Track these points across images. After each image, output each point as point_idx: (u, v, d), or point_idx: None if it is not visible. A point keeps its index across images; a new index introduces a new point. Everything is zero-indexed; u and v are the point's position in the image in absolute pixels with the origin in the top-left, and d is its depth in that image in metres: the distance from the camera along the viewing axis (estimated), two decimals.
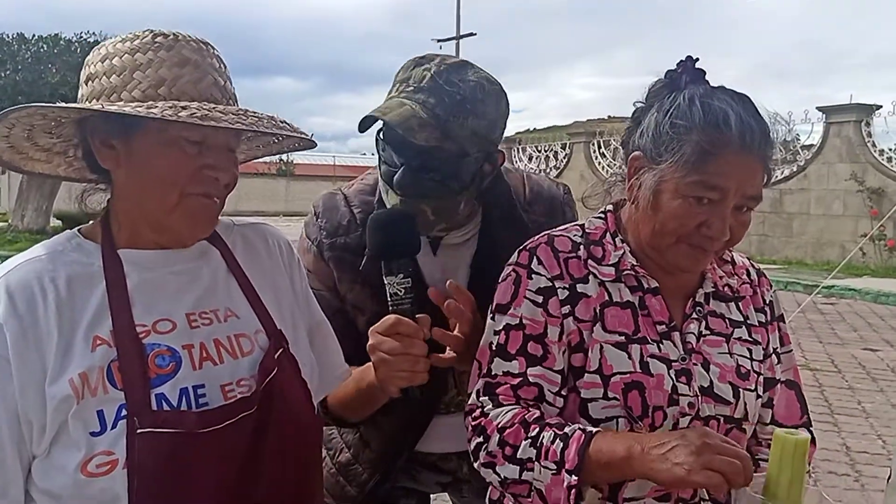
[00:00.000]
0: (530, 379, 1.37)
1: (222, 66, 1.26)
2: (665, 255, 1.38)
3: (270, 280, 1.39)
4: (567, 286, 1.40)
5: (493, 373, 1.41)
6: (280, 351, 1.29)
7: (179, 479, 1.13)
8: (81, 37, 21.29)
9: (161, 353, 1.19)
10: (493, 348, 1.42)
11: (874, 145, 15.69)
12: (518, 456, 1.31)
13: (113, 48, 1.22)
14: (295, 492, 1.28)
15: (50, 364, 1.13)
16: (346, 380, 1.56)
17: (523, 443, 1.30)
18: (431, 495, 2.01)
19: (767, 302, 1.54)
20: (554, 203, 1.80)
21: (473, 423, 1.40)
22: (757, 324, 1.49)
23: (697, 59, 1.37)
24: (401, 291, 1.44)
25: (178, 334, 1.22)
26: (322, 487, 1.43)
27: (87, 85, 1.22)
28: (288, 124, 1.24)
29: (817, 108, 16.62)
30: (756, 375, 1.44)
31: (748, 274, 1.54)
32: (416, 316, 1.44)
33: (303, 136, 1.28)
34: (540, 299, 1.40)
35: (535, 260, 1.43)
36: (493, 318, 1.45)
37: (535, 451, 1.29)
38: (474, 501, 1.91)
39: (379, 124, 1.56)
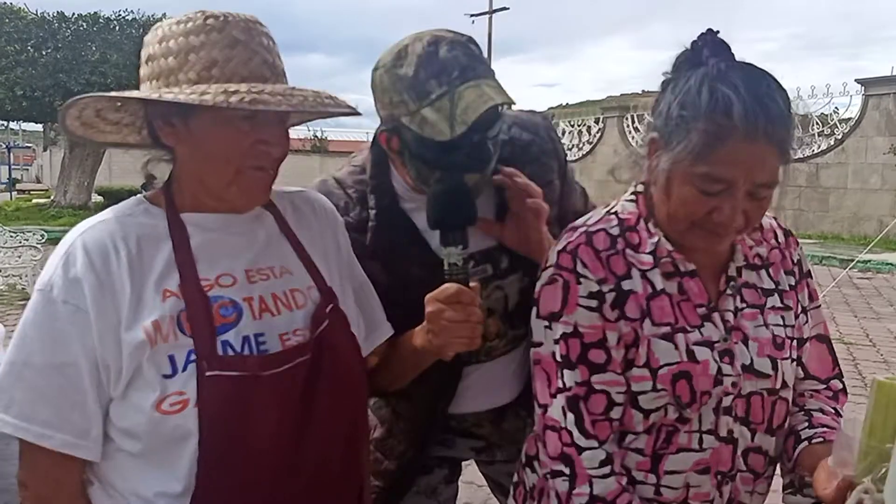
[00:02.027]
0: (596, 387, 1.39)
1: (271, 42, 1.32)
2: (682, 238, 1.40)
3: (319, 241, 1.49)
4: (613, 287, 1.40)
5: (567, 385, 1.41)
6: (330, 306, 1.39)
7: (243, 417, 1.23)
8: (120, 15, 21.37)
9: (224, 304, 1.29)
10: (558, 359, 1.42)
11: None
12: None
13: (169, 30, 1.28)
14: (345, 441, 1.38)
15: (124, 314, 1.23)
16: (387, 337, 1.62)
17: None
18: (463, 463, 2.04)
19: (795, 261, 1.55)
20: (537, 128, 1.81)
21: (561, 449, 1.40)
22: (787, 288, 1.51)
23: (718, 32, 1.36)
24: (459, 261, 1.47)
25: (238, 288, 1.32)
26: (368, 453, 1.49)
27: (147, 65, 1.31)
28: (333, 99, 1.30)
29: (856, 80, 16.29)
30: (790, 341, 1.47)
31: (776, 237, 1.54)
32: (470, 284, 1.48)
33: (346, 109, 1.34)
34: (594, 304, 1.40)
35: (579, 263, 1.41)
36: (549, 327, 1.44)
37: None
38: (504, 466, 1.95)
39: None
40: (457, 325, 1.45)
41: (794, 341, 1.48)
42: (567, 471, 1.40)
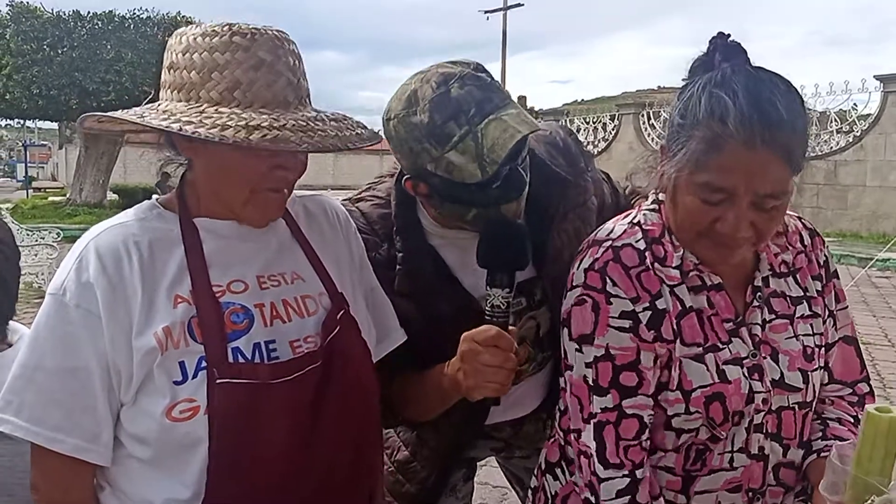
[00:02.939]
0: (627, 412, 1.36)
1: (297, 61, 1.29)
2: (693, 248, 1.37)
3: (331, 247, 1.48)
4: (647, 306, 1.36)
5: (594, 413, 1.38)
6: (341, 312, 1.38)
7: (253, 425, 1.22)
8: (135, 13, 21.53)
9: (235, 310, 1.28)
10: (590, 383, 1.38)
11: None
12: None
13: (195, 41, 1.25)
14: (354, 446, 1.37)
15: (136, 319, 1.22)
16: (399, 343, 1.61)
17: None
18: (478, 463, 2.05)
19: (822, 263, 1.51)
20: (566, 148, 1.78)
21: (589, 478, 1.39)
22: (815, 294, 1.48)
23: (730, 36, 1.32)
24: (503, 304, 1.42)
25: (250, 294, 1.31)
26: (381, 450, 1.48)
27: (169, 73, 1.28)
28: (355, 132, 1.28)
29: (875, 76, 16.19)
30: (819, 350, 1.44)
31: (801, 239, 1.50)
32: (510, 328, 1.43)
33: (367, 141, 1.32)
34: (627, 324, 1.36)
35: (608, 282, 1.37)
36: (580, 350, 1.39)
37: None
38: (522, 461, 1.96)
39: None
40: (491, 370, 1.41)
41: (823, 348, 1.45)
42: (593, 500, 1.39)
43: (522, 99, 24.40)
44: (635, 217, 1.45)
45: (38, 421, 1.21)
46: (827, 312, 1.49)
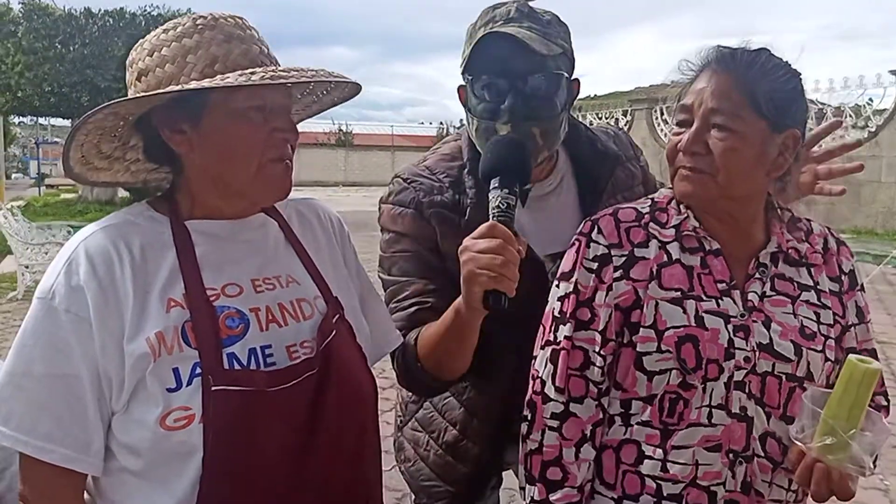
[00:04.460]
0: (576, 343, 1.45)
1: (261, 37, 1.31)
2: (703, 220, 1.47)
3: (324, 250, 1.46)
4: (625, 253, 1.46)
5: (557, 339, 1.47)
6: (337, 316, 1.35)
7: (249, 433, 1.19)
8: (145, 10, 21.67)
9: (231, 314, 1.25)
10: (556, 314, 1.49)
11: None
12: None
13: (157, 40, 1.26)
14: (352, 455, 1.34)
15: (127, 323, 1.19)
16: (395, 347, 1.59)
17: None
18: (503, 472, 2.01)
19: (846, 272, 1.53)
20: (617, 137, 1.90)
21: (531, 396, 1.50)
22: (828, 290, 1.49)
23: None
24: (503, 205, 1.39)
25: (245, 298, 1.28)
26: (379, 457, 1.45)
27: (140, 82, 1.26)
28: (343, 77, 1.32)
29: (890, 71, 15.97)
30: (823, 338, 1.44)
31: (825, 243, 1.53)
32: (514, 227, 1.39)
33: (353, 81, 1.35)
34: (595, 266, 1.46)
35: (595, 229, 1.49)
36: (557, 286, 1.51)
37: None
38: None
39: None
40: (486, 257, 1.33)
41: (830, 340, 1.45)
42: (529, 416, 1.49)
43: None
44: (652, 195, 1.59)
45: (27, 430, 1.17)
46: (847, 321, 1.50)
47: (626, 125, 22.26)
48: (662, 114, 20.88)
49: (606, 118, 23.14)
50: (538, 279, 1.64)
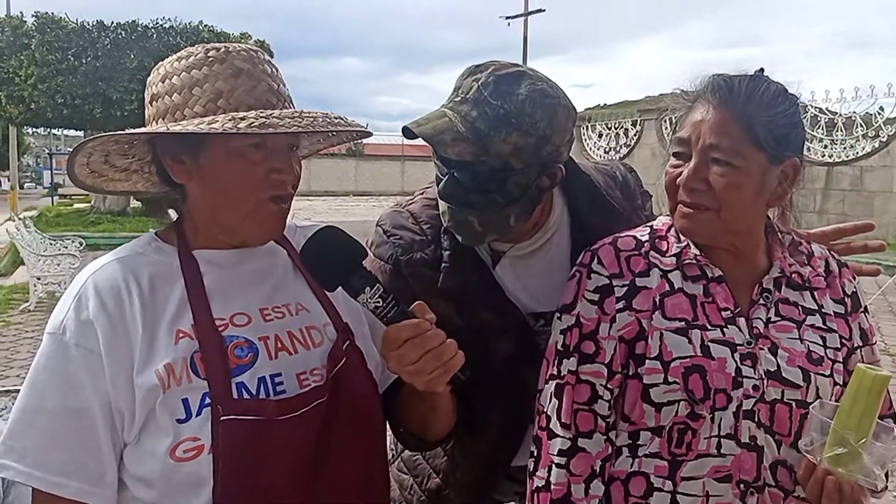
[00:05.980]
0: (581, 377, 1.44)
1: (274, 70, 1.30)
2: (706, 252, 1.45)
3: None
4: (627, 283, 1.45)
5: (561, 373, 1.46)
6: (347, 343, 1.35)
7: (258, 463, 1.19)
8: (157, 23, 21.74)
9: (239, 344, 1.25)
10: (559, 348, 1.47)
11: None
12: None
13: (171, 67, 1.27)
14: (361, 484, 1.32)
15: (137, 356, 1.20)
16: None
17: None
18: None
19: (849, 294, 1.52)
20: (624, 182, 1.81)
21: (536, 432, 1.48)
22: (832, 314, 1.47)
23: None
24: (379, 302, 1.24)
25: (253, 327, 1.28)
26: (388, 484, 1.44)
27: (152, 105, 1.28)
28: (342, 119, 1.29)
29: None
30: (831, 362, 1.42)
31: (827, 266, 1.52)
32: (408, 311, 1.26)
33: (357, 128, 1.33)
34: (596, 297, 1.45)
35: (595, 260, 1.48)
36: (559, 318, 1.50)
37: None
38: None
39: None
40: (421, 363, 1.23)
41: (837, 364, 1.43)
42: (534, 452, 1.48)
43: None
44: (651, 223, 1.57)
45: (41, 465, 1.18)
46: (852, 343, 1.48)
47: (635, 135, 22.21)
48: (672, 123, 20.78)
49: (616, 128, 23.09)
50: (523, 337, 1.61)
